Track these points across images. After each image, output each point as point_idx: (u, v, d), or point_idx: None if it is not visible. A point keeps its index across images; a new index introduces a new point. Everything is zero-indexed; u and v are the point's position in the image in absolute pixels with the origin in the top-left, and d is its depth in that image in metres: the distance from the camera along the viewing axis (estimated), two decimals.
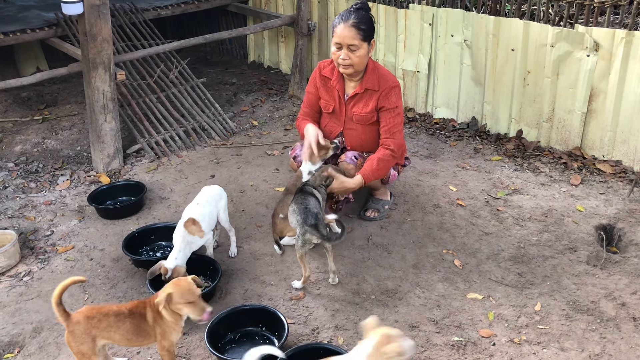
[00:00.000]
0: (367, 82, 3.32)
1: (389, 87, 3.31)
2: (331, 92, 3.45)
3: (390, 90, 3.31)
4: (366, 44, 3.21)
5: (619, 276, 3.07)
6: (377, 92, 3.31)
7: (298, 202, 3.03)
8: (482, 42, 4.45)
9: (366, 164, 3.32)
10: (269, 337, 2.73)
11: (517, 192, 3.89)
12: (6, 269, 3.23)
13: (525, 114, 4.41)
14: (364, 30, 3.17)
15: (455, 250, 3.33)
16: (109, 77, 4.06)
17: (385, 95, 3.30)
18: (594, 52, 3.92)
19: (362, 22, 3.17)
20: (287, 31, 5.88)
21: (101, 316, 2.32)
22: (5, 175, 4.21)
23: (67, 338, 2.31)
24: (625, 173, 3.98)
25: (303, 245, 2.92)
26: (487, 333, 2.73)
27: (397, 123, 3.34)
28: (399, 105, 3.34)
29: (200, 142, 4.69)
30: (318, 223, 2.91)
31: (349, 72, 3.28)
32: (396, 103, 3.32)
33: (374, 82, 3.32)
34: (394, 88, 3.32)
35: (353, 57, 3.21)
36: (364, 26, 3.17)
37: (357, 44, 3.17)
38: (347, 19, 3.17)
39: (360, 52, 3.20)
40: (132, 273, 3.20)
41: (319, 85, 3.48)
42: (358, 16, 3.17)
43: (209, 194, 3.22)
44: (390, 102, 3.31)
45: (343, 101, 3.42)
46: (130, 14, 5.37)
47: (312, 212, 2.94)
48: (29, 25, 4.85)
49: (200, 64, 6.35)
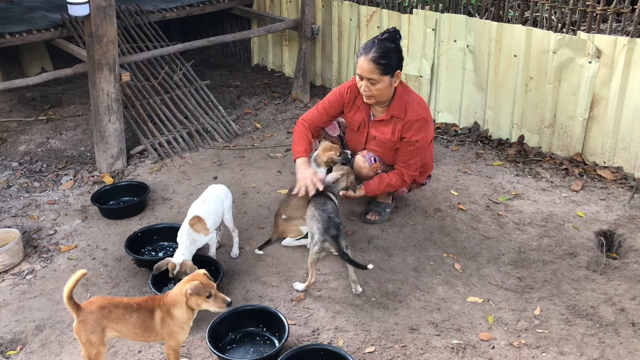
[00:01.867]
0: (394, 109, 3.27)
1: (413, 119, 3.23)
2: (357, 111, 3.41)
3: (413, 123, 3.23)
4: (387, 77, 3.13)
5: (619, 282, 3.08)
6: (402, 120, 3.26)
7: (319, 207, 2.99)
8: (484, 47, 4.48)
9: (375, 179, 3.34)
10: (269, 338, 2.74)
11: (518, 197, 3.90)
12: (9, 267, 3.26)
13: (527, 120, 4.43)
14: (383, 65, 3.08)
15: (455, 254, 3.34)
16: (113, 78, 4.09)
17: (408, 128, 3.25)
18: (596, 59, 3.94)
19: (383, 57, 3.07)
20: (291, 35, 5.91)
21: (112, 307, 2.34)
22: (9, 175, 4.23)
23: (77, 328, 2.31)
24: (625, 179, 4.00)
25: (319, 252, 2.89)
26: (486, 336, 2.75)
27: (413, 156, 3.30)
28: (420, 139, 3.25)
29: (203, 143, 4.71)
30: (339, 235, 2.87)
31: (371, 102, 3.27)
32: (417, 137, 3.25)
33: (400, 110, 3.26)
34: (418, 121, 3.23)
35: (373, 90, 3.16)
36: (384, 61, 3.08)
37: (375, 78, 3.11)
38: (368, 51, 3.09)
39: (380, 85, 3.14)
40: (134, 273, 3.22)
41: (346, 101, 3.40)
42: (380, 49, 3.07)
43: (215, 192, 3.24)
44: (411, 134, 3.25)
45: (367, 122, 3.40)
46: (136, 16, 5.41)
47: (334, 221, 2.91)
48: (34, 26, 4.89)
49: (204, 67, 6.38)
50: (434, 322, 2.84)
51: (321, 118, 3.48)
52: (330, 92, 3.49)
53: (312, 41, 5.53)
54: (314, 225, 2.94)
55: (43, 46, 5.82)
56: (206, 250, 3.22)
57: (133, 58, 4.76)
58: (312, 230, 2.96)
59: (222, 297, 2.39)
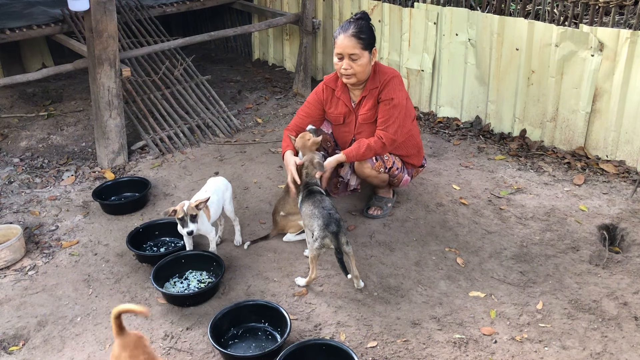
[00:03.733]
0: (370, 84, 3.33)
1: (387, 79, 3.30)
2: (337, 103, 3.46)
3: (387, 82, 3.29)
4: (367, 52, 3.20)
5: (621, 276, 3.07)
6: (377, 88, 3.32)
7: (316, 205, 2.98)
8: (486, 41, 4.46)
9: (354, 145, 3.32)
10: (271, 333, 2.74)
11: (520, 191, 3.89)
12: (11, 263, 3.26)
13: (529, 114, 4.42)
14: (363, 39, 3.17)
15: (457, 249, 3.34)
16: (114, 74, 4.08)
17: (383, 88, 3.30)
18: (599, 52, 3.92)
19: (362, 32, 3.17)
20: (292, 29, 5.89)
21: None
22: (10, 171, 4.23)
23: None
24: (628, 173, 3.98)
25: (319, 248, 2.89)
26: (488, 331, 2.74)
27: (391, 115, 3.28)
28: (396, 97, 3.27)
29: (205, 139, 4.71)
30: (340, 231, 2.87)
31: (352, 81, 3.29)
32: (392, 94, 3.27)
33: (375, 82, 3.33)
34: (392, 79, 3.30)
35: (355, 67, 3.21)
36: (363, 35, 3.17)
37: (357, 52, 3.18)
38: (346, 29, 3.18)
39: (362, 60, 3.20)
40: (136, 268, 3.22)
41: (324, 98, 3.48)
42: (357, 25, 3.17)
43: (216, 184, 3.29)
44: (385, 93, 3.29)
45: (352, 109, 3.43)
46: (136, 11, 5.39)
47: (334, 217, 2.90)
48: (35, 21, 4.88)
49: (205, 62, 6.37)
50: (436, 316, 2.84)
51: (304, 122, 3.48)
52: (307, 97, 3.58)
53: (313, 35, 5.51)
54: (313, 223, 2.92)
55: (43, 42, 5.81)
56: (206, 247, 3.22)
57: (133, 53, 4.75)
58: (311, 228, 2.94)
59: None
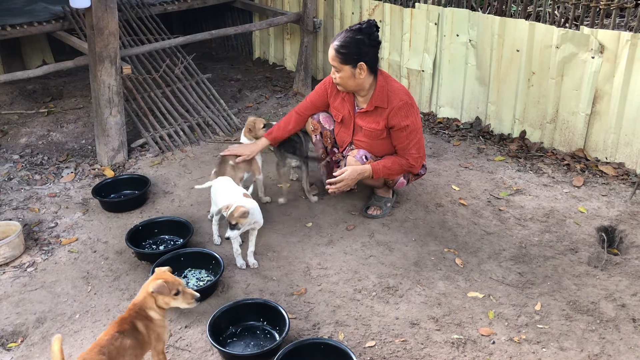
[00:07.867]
0: (377, 99, 3.30)
1: (397, 106, 3.26)
2: (342, 102, 3.47)
3: (398, 110, 3.27)
4: (348, 67, 3.19)
5: (620, 278, 3.08)
6: (386, 109, 3.30)
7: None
8: (487, 42, 4.46)
9: (382, 160, 3.37)
10: (270, 332, 2.75)
11: (520, 192, 3.90)
12: (10, 259, 3.26)
13: (529, 115, 4.42)
14: (343, 54, 3.16)
15: (456, 249, 3.34)
16: (115, 71, 4.08)
17: (394, 115, 3.28)
18: (599, 54, 3.92)
19: (343, 46, 3.16)
20: (293, 28, 5.89)
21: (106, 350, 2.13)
22: (10, 167, 4.23)
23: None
24: (627, 175, 3.99)
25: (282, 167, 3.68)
26: (487, 331, 2.75)
27: (410, 140, 3.33)
28: (410, 123, 3.28)
29: (205, 137, 4.71)
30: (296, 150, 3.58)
31: (340, 89, 3.35)
32: (406, 122, 3.27)
33: (383, 100, 3.29)
34: (403, 107, 3.27)
35: (337, 77, 3.25)
36: (344, 50, 3.16)
37: (336, 65, 3.21)
38: (335, 39, 3.21)
39: (342, 73, 3.22)
40: (135, 266, 3.22)
41: (331, 91, 3.50)
42: (342, 39, 3.18)
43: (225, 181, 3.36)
44: (399, 120, 3.27)
45: (352, 114, 3.45)
46: (137, 9, 5.39)
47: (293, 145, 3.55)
48: (36, 18, 4.87)
49: (205, 60, 6.37)
50: (435, 317, 2.84)
51: (309, 108, 3.61)
52: (315, 88, 3.62)
53: (314, 35, 5.51)
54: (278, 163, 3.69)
55: (44, 38, 5.81)
56: (205, 245, 3.22)
57: (134, 51, 4.74)
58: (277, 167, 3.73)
59: (190, 293, 2.33)
